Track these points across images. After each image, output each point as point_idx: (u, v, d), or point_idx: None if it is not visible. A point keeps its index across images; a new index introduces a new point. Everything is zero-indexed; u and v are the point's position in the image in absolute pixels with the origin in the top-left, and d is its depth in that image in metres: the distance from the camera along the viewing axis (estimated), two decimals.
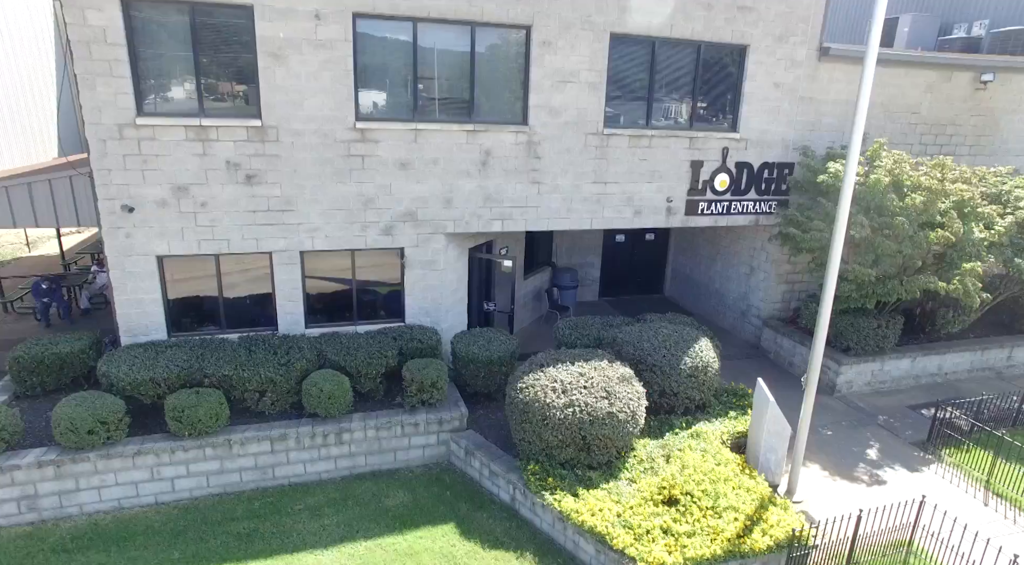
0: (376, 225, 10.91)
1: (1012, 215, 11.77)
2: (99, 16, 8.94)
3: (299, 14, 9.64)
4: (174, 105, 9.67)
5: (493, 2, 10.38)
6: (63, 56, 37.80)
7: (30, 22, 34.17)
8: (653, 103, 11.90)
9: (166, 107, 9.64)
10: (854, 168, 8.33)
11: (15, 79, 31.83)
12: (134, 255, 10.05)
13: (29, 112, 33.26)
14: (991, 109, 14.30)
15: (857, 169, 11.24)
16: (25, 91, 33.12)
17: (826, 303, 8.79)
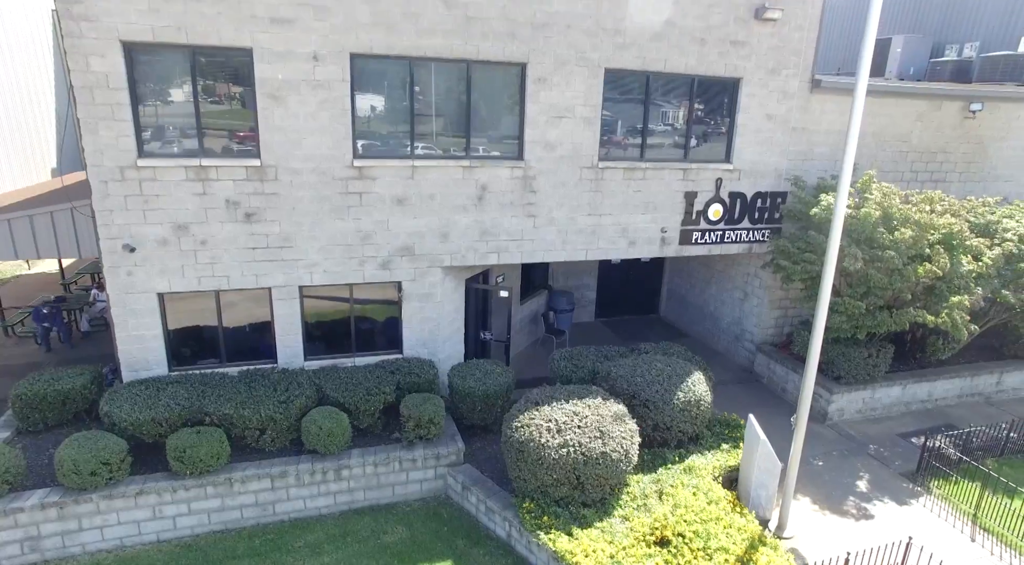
0: (374, 260, 11.06)
1: (999, 247, 11.95)
2: (102, 62, 9.08)
3: (297, 56, 9.79)
4: (174, 146, 9.82)
5: (488, 41, 10.54)
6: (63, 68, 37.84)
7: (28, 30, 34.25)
8: (648, 135, 12.06)
9: (167, 148, 9.79)
10: (843, 205, 8.47)
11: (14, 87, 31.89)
12: (135, 293, 10.19)
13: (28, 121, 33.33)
14: (980, 137, 14.49)
15: (848, 201, 11.52)
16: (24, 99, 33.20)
17: (816, 341, 8.96)
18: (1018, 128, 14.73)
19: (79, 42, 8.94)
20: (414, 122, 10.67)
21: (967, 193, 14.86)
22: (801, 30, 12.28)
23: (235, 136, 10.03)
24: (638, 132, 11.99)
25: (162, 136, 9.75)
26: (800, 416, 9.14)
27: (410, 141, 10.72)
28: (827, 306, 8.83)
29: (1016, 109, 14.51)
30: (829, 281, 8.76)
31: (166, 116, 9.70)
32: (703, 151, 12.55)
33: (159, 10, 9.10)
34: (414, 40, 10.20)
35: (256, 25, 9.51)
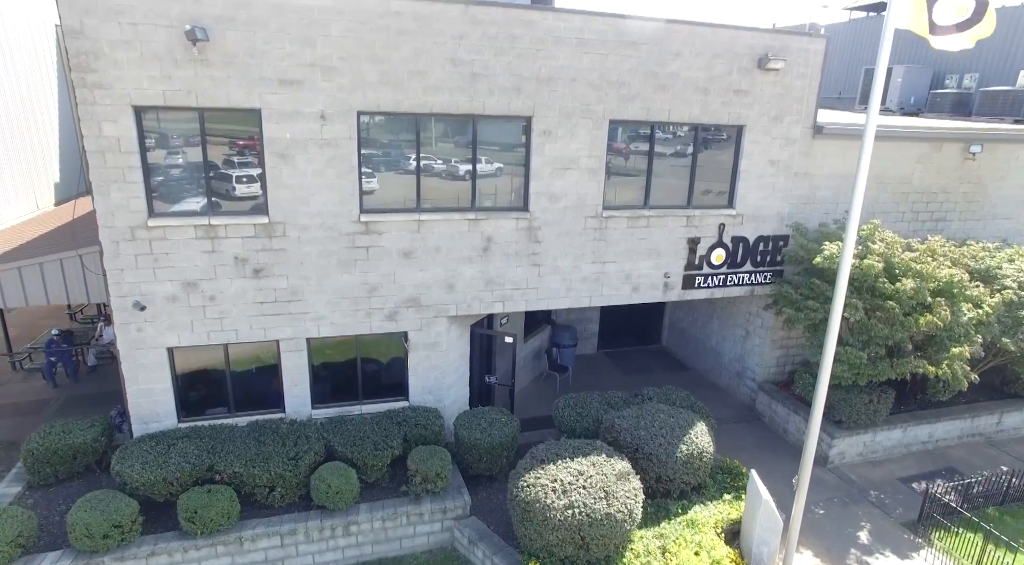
0: (380, 311, 11.18)
1: (999, 293, 12.06)
2: (114, 127, 9.19)
3: (305, 115, 9.91)
4: (184, 206, 9.93)
5: (494, 96, 10.66)
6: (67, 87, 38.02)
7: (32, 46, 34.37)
8: (651, 183, 12.18)
9: (176, 208, 9.90)
10: (848, 262, 8.50)
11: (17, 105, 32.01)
12: (145, 348, 10.31)
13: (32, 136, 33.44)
14: (980, 177, 14.61)
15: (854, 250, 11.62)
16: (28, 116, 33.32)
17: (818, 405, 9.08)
18: (1017, 168, 14.84)
19: (92, 109, 9.05)
20: (420, 176, 10.79)
21: (968, 232, 14.99)
22: (803, 78, 12.38)
23: (244, 195, 10.14)
24: (642, 180, 12.10)
25: (172, 196, 9.85)
26: (802, 479, 9.25)
27: (416, 195, 10.84)
28: (831, 364, 8.93)
29: (1015, 149, 14.62)
30: (834, 338, 8.81)
31: (176, 177, 9.81)
32: (706, 197, 12.67)
33: (170, 75, 9.21)
34: (420, 97, 10.31)
35: (265, 87, 9.62)
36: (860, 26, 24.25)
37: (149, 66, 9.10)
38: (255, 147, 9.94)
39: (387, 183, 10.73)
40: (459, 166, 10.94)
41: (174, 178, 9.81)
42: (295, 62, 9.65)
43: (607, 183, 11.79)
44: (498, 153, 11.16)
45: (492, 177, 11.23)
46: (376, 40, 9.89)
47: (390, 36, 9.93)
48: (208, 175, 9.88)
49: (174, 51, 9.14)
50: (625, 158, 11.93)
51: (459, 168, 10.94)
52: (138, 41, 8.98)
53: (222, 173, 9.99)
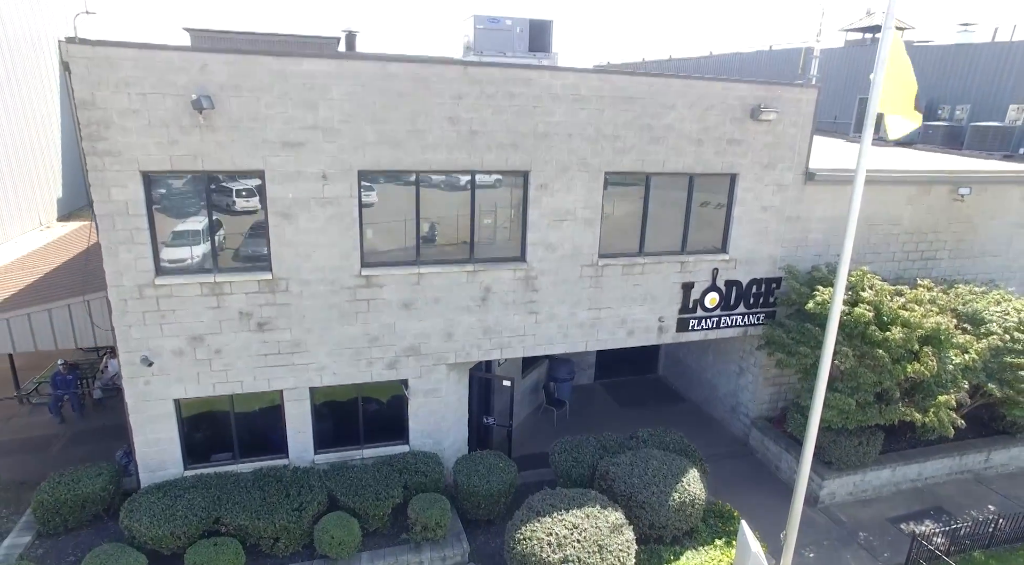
0: (381, 361, 11.46)
1: (986, 339, 12.34)
2: (123, 192, 9.46)
3: (307, 176, 10.18)
4: (190, 264, 10.20)
5: (492, 153, 10.93)
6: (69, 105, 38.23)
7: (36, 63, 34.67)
8: (646, 230, 12.44)
9: (183, 266, 10.17)
10: (837, 314, 8.88)
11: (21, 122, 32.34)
12: (152, 400, 10.59)
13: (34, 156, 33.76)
14: (969, 216, 14.87)
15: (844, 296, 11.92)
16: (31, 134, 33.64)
17: (807, 456, 9.38)
18: (1005, 206, 15.11)
19: (102, 175, 9.33)
20: (419, 230, 11.06)
21: (957, 269, 15.27)
22: (795, 126, 12.65)
23: (248, 253, 10.42)
24: (638, 229, 12.37)
25: (179, 255, 10.13)
26: (790, 530, 9.55)
27: (416, 248, 11.12)
28: (820, 410, 9.27)
29: (1002, 189, 14.89)
30: (823, 384, 9.17)
31: (182, 237, 10.09)
32: (700, 242, 12.93)
33: (177, 141, 9.48)
34: (419, 155, 10.58)
35: (268, 149, 9.89)
36: (855, 52, 24.50)
37: (157, 133, 9.37)
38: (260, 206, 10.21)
39: (387, 237, 11.00)
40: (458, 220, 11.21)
41: (181, 238, 10.08)
42: (297, 125, 9.92)
43: (603, 232, 12.06)
44: (496, 205, 11.42)
45: (490, 228, 11.50)
46: (376, 102, 10.16)
47: (389, 98, 10.20)
48: (213, 234, 10.16)
49: (181, 118, 9.41)
50: (620, 207, 12.18)
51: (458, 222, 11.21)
52: (146, 110, 9.25)
53: (228, 232, 10.25)
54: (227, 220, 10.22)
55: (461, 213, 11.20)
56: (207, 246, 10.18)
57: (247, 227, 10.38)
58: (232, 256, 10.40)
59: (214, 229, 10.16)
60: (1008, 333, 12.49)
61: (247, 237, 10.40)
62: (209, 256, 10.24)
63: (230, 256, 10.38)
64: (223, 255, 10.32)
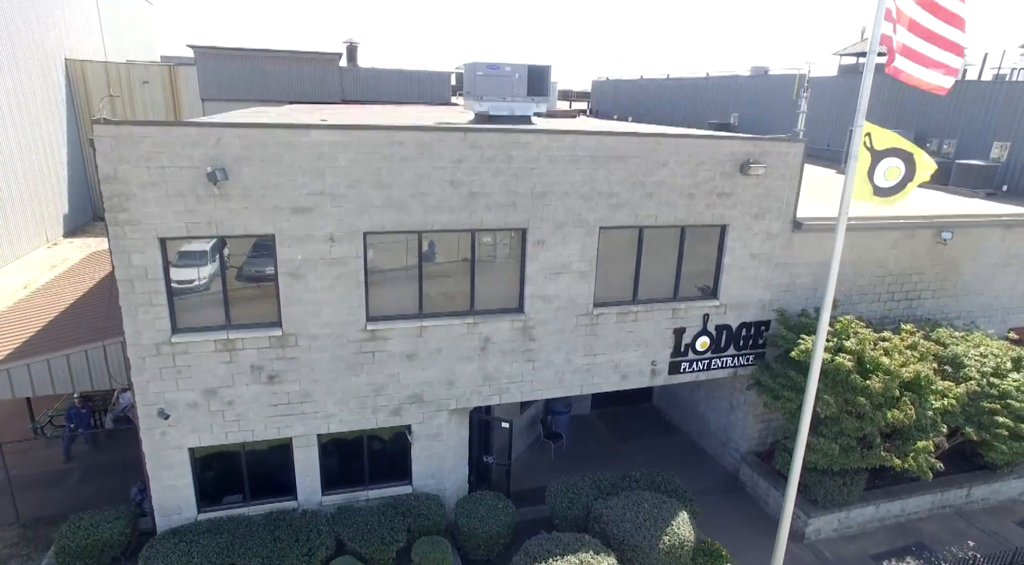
0: (386, 408, 12.00)
1: (964, 384, 12.87)
2: (142, 258, 10.00)
3: (316, 238, 10.71)
4: (204, 322, 10.74)
5: (491, 212, 11.45)
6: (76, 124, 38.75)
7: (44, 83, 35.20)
8: (639, 280, 12.97)
9: (198, 324, 10.71)
10: (818, 365, 9.50)
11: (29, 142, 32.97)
12: (168, 449, 11.14)
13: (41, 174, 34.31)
14: (952, 258, 15.40)
15: (827, 344, 12.49)
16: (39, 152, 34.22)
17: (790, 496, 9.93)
18: (987, 247, 15.63)
19: (123, 242, 9.86)
20: (422, 286, 11.60)
21: (940, 308, 15.81)
22: (783, 178, 13.16)
23: (259, 310, 10.95)
24: (631, 279, 12.90)
25: (194, 314, 10.66)
26: None
27: (419, 303, 11.65)
28: (803, 454, 9.90)
29: (983, 231, 15.40)
30: (805, 431, 9.82)
31: (197, 297, 10.62)
32: (691, 290, 13.47)
33: (193, 210, 10.02)
34: (422, 216, 11.11)
35: (279, 215, 10.42)
36: (847, 80, 25.00)
37: (174, 203, 9.91)
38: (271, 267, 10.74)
39: (392, 294, 11.53)
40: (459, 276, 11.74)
41: (196, 298, 10.62)
42: (306, 191, 10.45)
43: (597, 282, 12.59)
44: (494, 261, 11.96)
45: (490, 282, 12.02)
46: (381, 168, 10.69)
47: (394, 163, 10.73)
48: (227, 294, 10.69)
49: (196, 188, 9.95)
50: (615, 259, 12.70)
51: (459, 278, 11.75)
52: (164, 182, 9.79)
53: (240, 291, 10.79)
54: (241, 283, 10.76)
55: (462, 269, 11.74)
56: (221, 305, 10.71)
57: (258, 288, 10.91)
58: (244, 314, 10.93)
59: (227, 289, 10.69)
60: (985, 378, 13.03)
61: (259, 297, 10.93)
62: (222, 314, 10.77)
63: (241, 314, 10.91)
64: (235, 312, 10.86)
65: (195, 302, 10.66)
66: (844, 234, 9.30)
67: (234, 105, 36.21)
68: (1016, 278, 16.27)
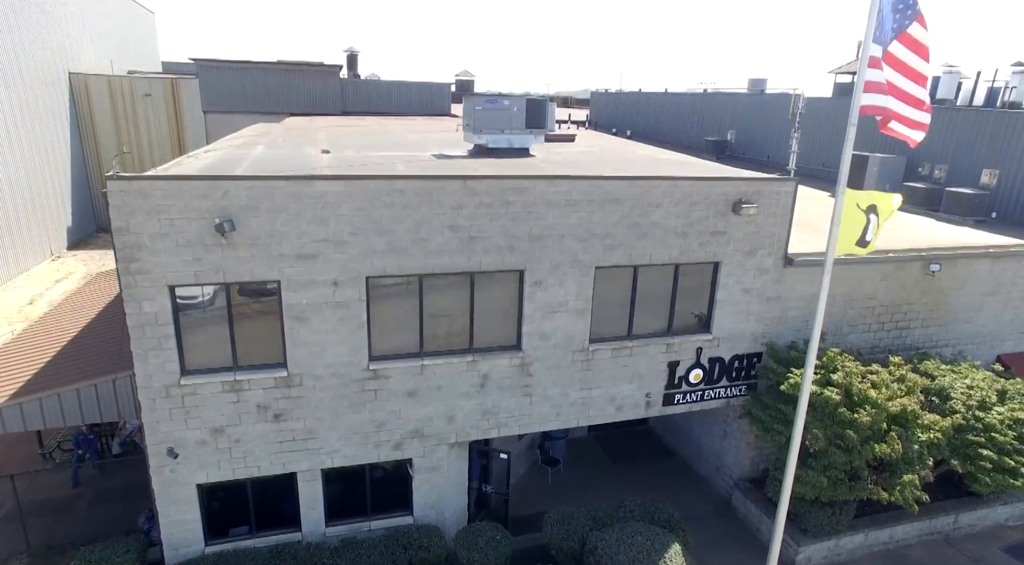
0: (388, 443, 12.37)
1: (950, 417, 13.23)
2: (152, 304, 10.36)
3: (319, 283, 11.06)
4: (212, 364, 11.10)
5: (490, 255, 11.81)
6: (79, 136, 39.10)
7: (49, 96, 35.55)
8: (634, 316, 13.33)
9: (206, 367, 11.07)
10: (805, 404, 9.91)
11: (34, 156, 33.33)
12: (177, 485, 11.50)
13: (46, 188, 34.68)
14: (940, 288, 15.75)
15: (816, 377, 12.87)
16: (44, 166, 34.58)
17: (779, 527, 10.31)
18: (974, 277, 15.97)
19: (134, 290, 10.21)
20: (423, 326, 11.95)
21: (930, 336, 16.17)
22: (775, 216, 13.51)
23: (265, 352, 11.30)
24: (626, 315, 13.25)
25: (202, 357, 11.02)
26: None
27: (419, 342, 12.01)
28: (790, 488, 10.35)
29: (971, 262, 15.74)
30: (792, 465, 10.26)
31: (205, 341, 10.97)
32: (685, 324, 13.82)
33: (201, 258, 10.37)
34: (422, 260, 11.47)
35: (284, 262, 10.78)
36: (843, 101, 25.31)
37: (183, 252, 10.26)
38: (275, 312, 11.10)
39: (393, 334, 11.88)
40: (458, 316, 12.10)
41: (204, 342, 10.97)
42: (310, 239, 10.80)
43: (593, 319, 12.94)
44: (493, 302, 12.30)
45: (488, 320, 12.38)
46: (383, 215, 11.04)
47: (395, 211, 11.08)
48: (233, 337, 11.04)
49: (204, 238, 10.30)
50: (610, 297, 13.05)
51: (459, 317, 12.10)
52: (174, 233, 10.14)
53: (246, 335, 11.14)
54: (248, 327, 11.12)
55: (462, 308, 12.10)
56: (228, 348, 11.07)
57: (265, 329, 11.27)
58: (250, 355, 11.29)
59: (234, 332, 11.04)
60: (971, 411, 13.39)
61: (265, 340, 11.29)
62: (229, 356, 11.13)
63: (248, 355, 11.27)
64: (242, 355, 11.21)
65: (203, 344, 11.01)
66: (833, 269, 9.68)
67: (235, 117, 36.57)
68: (1003, 306, 16.62)
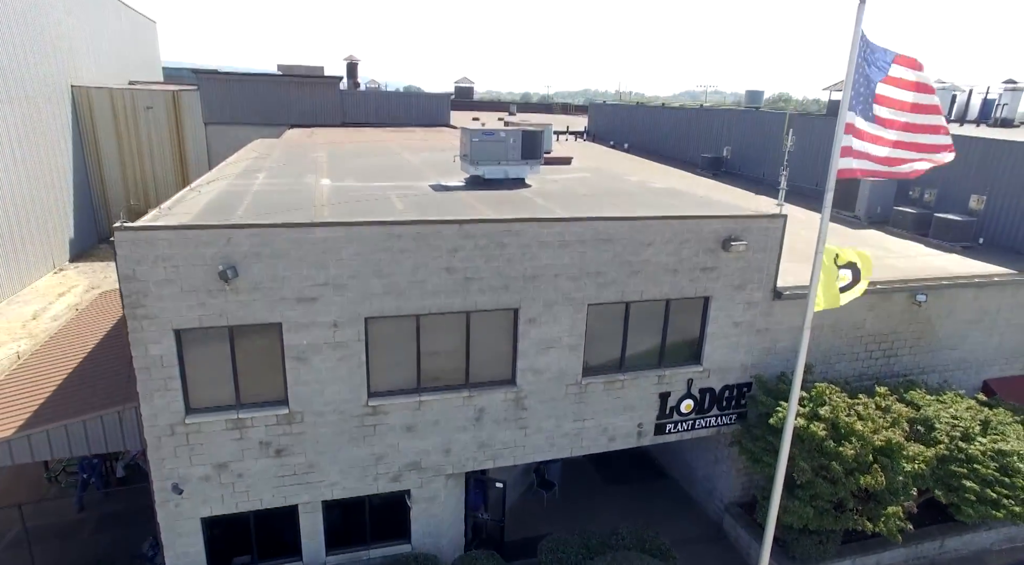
0: (386, 475, 12.73)
1: (934, 448, 13.58)
2: (158, 347, 10.71)
3: (319, 325, 11.41)
4: (216, 403, 11.44)
5: (485, 295, 12.15)
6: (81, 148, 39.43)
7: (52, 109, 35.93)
8: (626, 350, 13.68)
9: (210, 405, 11.42)
10: (790, 432, 10.31)
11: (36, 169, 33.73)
12: (181, 519, 11.86)
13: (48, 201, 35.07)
14: (927, 317, 16.10)
15: (804, 410, 13.23)
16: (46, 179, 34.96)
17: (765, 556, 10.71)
18: (960, 306, 16.32)
19: (141, 334, 10.56)
20: (420, 363, 12.30)
21: (917, 363, 16.53)
22: (764, 251, 13.85)
23: (267, 391, 11.66)
24: (618, 349, 13.60)
25: (206, 397, 11.37)
26: None
27: (417, 379, 12.36)
28: (775, 518, 10.73)
29: (956, 292, 16.09)
30: (778, 496, 10.63)
31: (209, 381, 11.32)
32: (676, 357, 14.16)
33: (205, 303, 10.72)
34: (420, 301, 11.81)
35: (285, 305, 11.12)
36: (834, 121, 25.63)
37: (188, 298, 10.61)
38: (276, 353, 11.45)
39: (392, 372, 12.22)
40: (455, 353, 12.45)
41: (208, 382, 11.31)
42: (311, 283, 11.15)
43: (586, 353, 13.28)
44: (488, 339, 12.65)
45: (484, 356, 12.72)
46: (381, 259, 11.38)
47: (393, 255, 11.42)
48: (237, 377, 11.39)
49: (209, 284, 10.64)
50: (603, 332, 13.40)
51: (455, 355, 12.45)
52: (179, 279, 10.49)
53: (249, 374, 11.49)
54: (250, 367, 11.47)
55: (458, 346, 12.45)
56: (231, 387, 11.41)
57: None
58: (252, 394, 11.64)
59: (237, 372, 11.39)
60: (954, 442, 13.74)
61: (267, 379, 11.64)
62: (232, 395, 11.48)
63: (250, 394, 11.62)
64: (244, 393, 11.56)
65: (207, 383, 11.35)
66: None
67: (236, 128, 36.95)
68: (988, 333, 16.98)
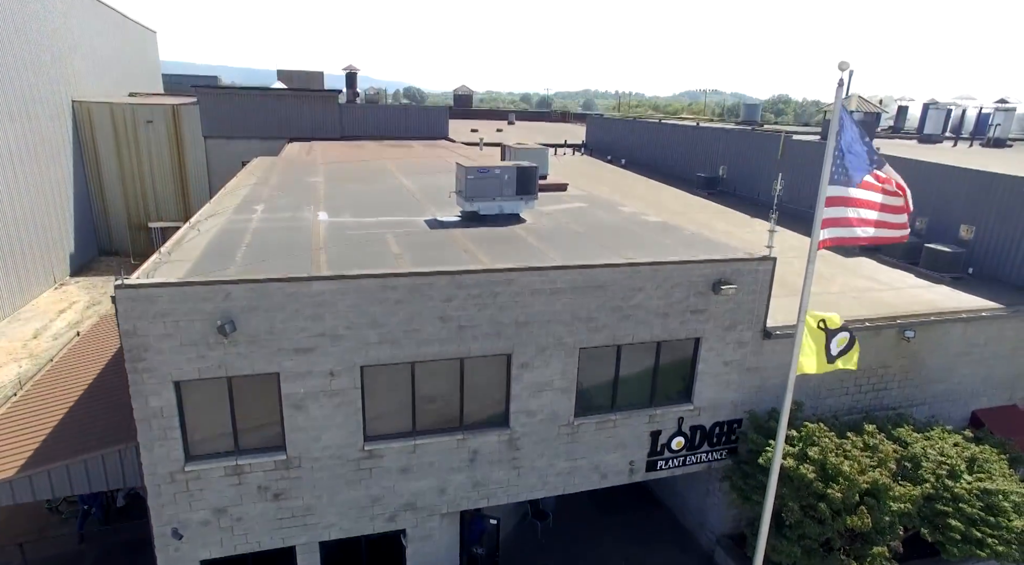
0: (382, 516, 12.99)
1: (920, 487, 13.83)
2: (158, 399, 10.96)
3: (316, 374, 11.66)
4: (215, 450, 11.70)
5: (478, 342, 12.40)
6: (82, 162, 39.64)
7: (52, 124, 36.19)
8: (618, 390, 13.93)
9: (209, 452, 11.67)
10: (776, 473, 10.54)
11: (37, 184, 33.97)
12: (181, 562, 12.13)
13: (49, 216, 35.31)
14: (915, 351, 16.34)
15: (793, 450, 13.47)
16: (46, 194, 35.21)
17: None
18: (947, 340, 16.55)
19: (141, 387, 10.82)
20: (415, 407, 12.56)
21: (906, 396, 16.77)
22: (754, 293, 14.09)
23: (264, 439, 11.91)
24: (609, 390, 13.85)
25: (205, 445, 11.63)
26: None
27: (412, 423, 12.62)
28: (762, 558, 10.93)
29: (944, 326, 16.32)
30: (764, 534, 10.87)
31: (208, 430, 11.58)
32: (667, 396, 14.41)
33: (204, 356, 10.97)
34: (414, 349, 12.06)
35: (283, 356, 11.37)
36: None
37: (187, 351, 10.86)
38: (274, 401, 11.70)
39: (387, 417, 12.48)
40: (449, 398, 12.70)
41: (207, 431, 11.57)
42: (307, 334, 11.39)
43: (578, 395, 13.54)
44: (481, 384, 12.90)
45: (478, 399, 12.98)
46: (376, 310, 11.63)
47: (388, 306, 11.67)
48: (235, 425, 11.65)
49: (207, 337, 10.89)
50: (594, 374, 13.65)
51: (449, 400, 12.71)
52: (178, 333, 10.74)
53: (247, 422, 11.74)
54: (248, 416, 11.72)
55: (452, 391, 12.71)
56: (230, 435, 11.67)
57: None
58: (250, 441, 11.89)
59: (236, 421, 11.64)
60: (940, 481, 13.98)
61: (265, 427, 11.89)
62: (231, 443, 11.74)
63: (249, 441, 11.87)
64: (243, 440, 11.82)
65: (206, 431, 11.61)
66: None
67: (235, 142, 37.19)
68: (976, 366, 17.21)
